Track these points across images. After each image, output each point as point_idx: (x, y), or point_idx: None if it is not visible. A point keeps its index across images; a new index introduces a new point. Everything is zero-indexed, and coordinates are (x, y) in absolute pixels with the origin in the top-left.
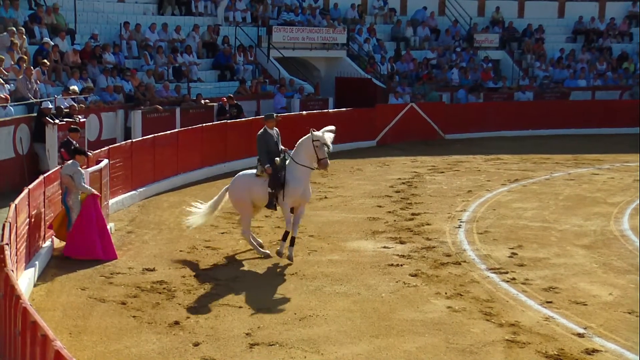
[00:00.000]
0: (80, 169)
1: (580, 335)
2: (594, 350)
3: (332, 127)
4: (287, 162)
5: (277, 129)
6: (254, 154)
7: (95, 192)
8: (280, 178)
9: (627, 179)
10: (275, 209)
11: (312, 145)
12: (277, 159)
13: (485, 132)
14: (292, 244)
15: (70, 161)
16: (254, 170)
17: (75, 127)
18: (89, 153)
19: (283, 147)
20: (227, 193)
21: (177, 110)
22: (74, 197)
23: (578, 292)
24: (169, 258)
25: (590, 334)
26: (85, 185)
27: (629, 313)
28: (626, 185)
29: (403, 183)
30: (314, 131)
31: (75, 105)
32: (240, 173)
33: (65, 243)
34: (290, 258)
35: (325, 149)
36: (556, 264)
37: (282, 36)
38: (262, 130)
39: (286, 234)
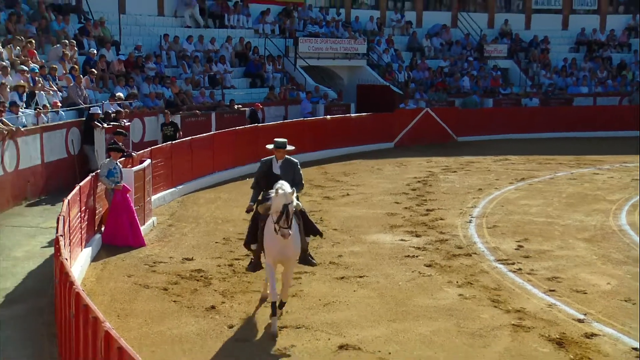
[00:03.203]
0: (107, 164)
1: (580, 321)
2: (593, 335)
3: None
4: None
5: (292, 159)
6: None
7: (115, 186)
8: (260, 230)
9: (626, 179)
10: (254, 270)
11: (274, 208)
12: (260, 206)
13: (495, 135)
14: (280, 307)
15: (108, 159)
16: None
17: (120, 130)
18: (133, 153)
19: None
20: None
21: (213, 114)
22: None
23: (579, 281)
24: (205, 249)
25: (589, 320)
26: (105, 178)
27: (626, 301)
28: (624, 184)
29: (419, 182)
30: (277, 191)
31: (121, 110)
32: None
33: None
34: (274, 334)
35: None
36: (559, 256)
37: (307, 47)
38: (268, 157)
39: (273, 305)
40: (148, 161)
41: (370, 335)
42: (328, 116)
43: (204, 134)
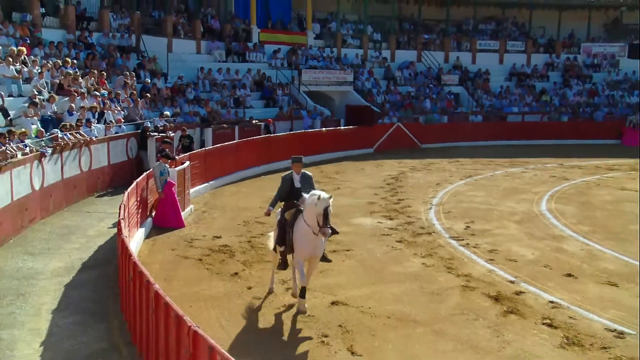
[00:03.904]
0: (159, 167)
1: (511, 282)
2: (521, 292)
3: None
4: (298, 218)
5: (307, 172)
6: (289, 157)
7: (161, 191)
8: (289, 234)
9: (545, 176)
10: (285, 269)
11: (314, 209)
12: (287, 212)
13: (449, 142)
14: (302, 295)
15: (158, 162)
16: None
17: (167, 140)
18: (175, 157)
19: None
20: None
21: (236, 127)
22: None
23: (511, 253)
24: (230, 229)
25: (518, 281)
26: (157, 180)
27: (545, 267)
28: (544, 180)
29: (392, 178)
30: (320, 197)
31: (168, 124)
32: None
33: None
34: (304, 311)
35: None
36: (496, 234)
37: (308, 76)
38: (288, 173)
39: (303, 289)
40: (187, 163)
41: (355, 294)
42: (324, 129)
43: (230, 142)
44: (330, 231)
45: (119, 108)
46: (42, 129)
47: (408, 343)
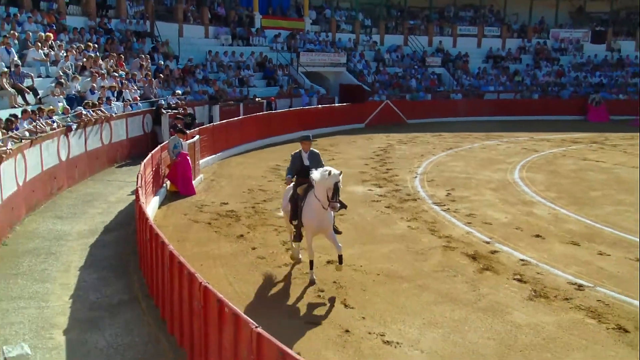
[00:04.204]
0: (173, 140)
1: (487, 243)
2: (495, 251)
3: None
4: (309, 192)
5: (315, 151)
6: (289, 131)
7: (175, 158)
8: (300, 208)
9: (518, 148)
10: (300, 240)
11: (325, 183)
12: (300, 188)
13: (432, 118)
14: (340, 261)
15: (173, 137)
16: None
17: (179, 116)
18: (186, 132)
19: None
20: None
21: (241, 105)
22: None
23: (487, 216)
24: (236, 196)
25: (493, 242)
26: (172, 152)
27: (517, 229)
28: (517, 151)
29: (381, 150)
30: (330, 173)
31: (179, 102)
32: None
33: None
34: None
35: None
36: (474, 200)
37: (306, 58)
38: (297, 151)
39: (311, 262)
40: (197, 136)
41: (348, 254)
42: (320, 105)
43: (236, 118)
44: (339, 205)
45: (135, 87)
46: (67, 107)
47: (395, 296)
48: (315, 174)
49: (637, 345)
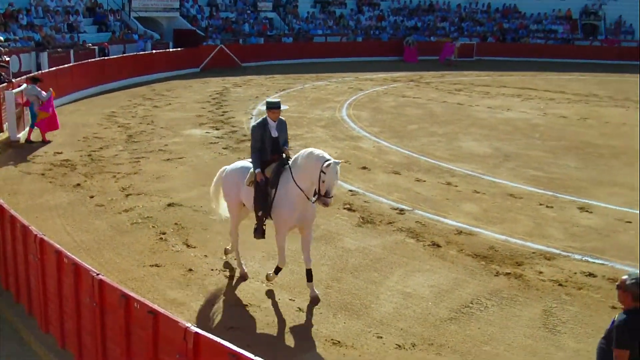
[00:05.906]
0: (33, 90)
1: None
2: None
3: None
4: (283, 175)
5: (283, 119)
6: (124, 77)
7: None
8: (270, 196)
9: (345, 87)
10: (263, 237)
11: (319, 174)
12: (268, 168)
13: (265, 61)
14: (309, 279)
15: (31, 85)
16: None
17: (3, 64)
18: (13, 80)
19: (286, 151)
20: (222, 182)
21: (71, 51)
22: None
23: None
24: (70, 145)
25: None
26: (42, 99)
27: (345, 162)
28: (344, 91)
29: (217, 94)
30: (328, 160)
31: (2, 49)
32: (236, 166)
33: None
34: (315, 299)
35: (332, 188)
36: (307, 137)
37: (138, 3)
38: (260, 120)
39: (277, 268)
40: (24, 85)
41: (188, 196)
42: (154, 51)
43: (65, 65)
44: (332, 202)
45: None
46: None
47: None
48: (302, 155)
49: (447, 257)
